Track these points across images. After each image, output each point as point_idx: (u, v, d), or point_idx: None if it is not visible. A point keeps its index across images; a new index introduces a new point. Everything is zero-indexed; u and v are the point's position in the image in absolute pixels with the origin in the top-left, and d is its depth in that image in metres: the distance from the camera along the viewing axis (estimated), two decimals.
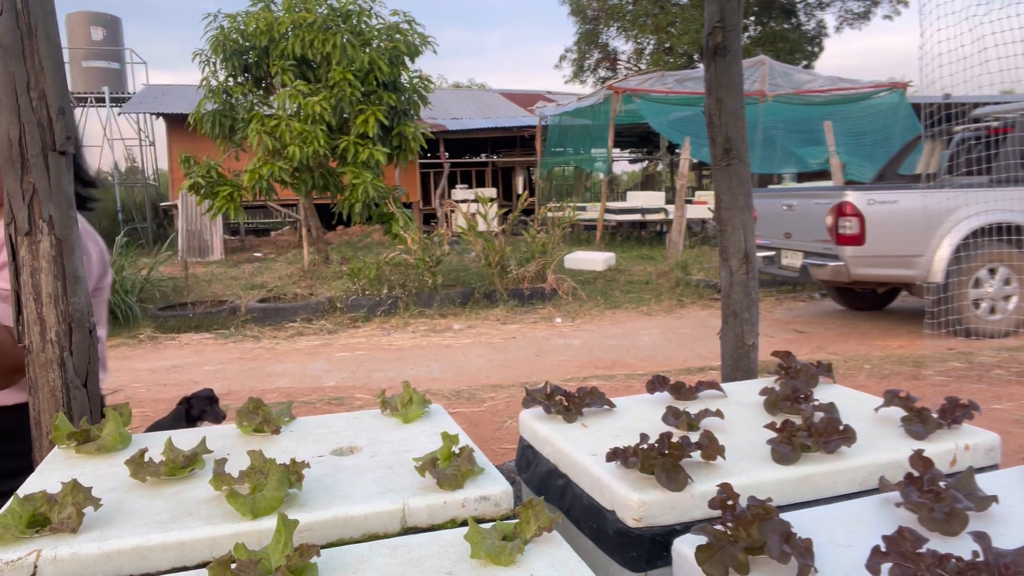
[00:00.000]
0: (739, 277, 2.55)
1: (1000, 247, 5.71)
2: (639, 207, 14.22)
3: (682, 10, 24.03)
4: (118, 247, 7.92)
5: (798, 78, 13.35)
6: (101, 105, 18.04)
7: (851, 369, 4.74)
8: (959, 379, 4.41)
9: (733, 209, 2.54)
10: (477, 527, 1.12)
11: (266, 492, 1.27)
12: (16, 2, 1.31)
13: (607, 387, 3.61)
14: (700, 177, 19.86)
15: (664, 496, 1.32)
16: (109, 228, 14.77)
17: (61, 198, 1.37)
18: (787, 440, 1.47)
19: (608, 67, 27.46)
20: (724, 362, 2.62)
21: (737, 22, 2.47)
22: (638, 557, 1.32)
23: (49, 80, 1.34)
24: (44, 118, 1.34)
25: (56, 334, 1.38)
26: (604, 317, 7.20)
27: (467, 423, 3.73)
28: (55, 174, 1.36)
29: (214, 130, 9.80)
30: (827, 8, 25.16)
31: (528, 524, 1.15)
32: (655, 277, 8.98)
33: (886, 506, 1.25)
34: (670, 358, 5.47)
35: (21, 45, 1.32)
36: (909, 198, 5.70)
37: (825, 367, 2.08)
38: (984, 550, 0.93)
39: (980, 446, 1.56)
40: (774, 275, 6.82)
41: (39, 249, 1.35)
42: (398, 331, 6.81)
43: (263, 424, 1.73)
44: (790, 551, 0.99)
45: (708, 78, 2.53)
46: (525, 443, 1.84)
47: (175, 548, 1.20)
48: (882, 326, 6.49)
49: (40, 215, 1.34)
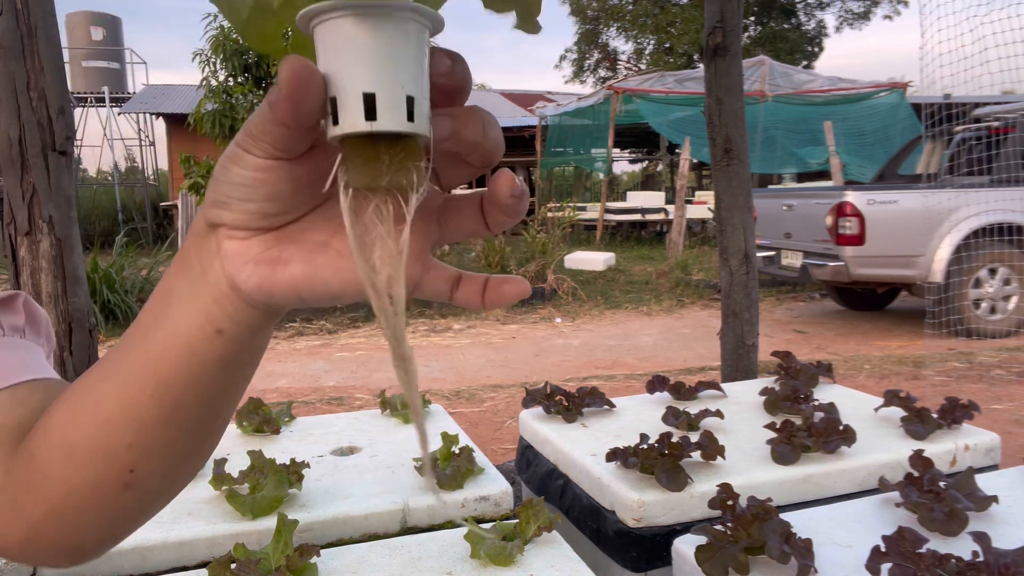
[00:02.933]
0: (739, 277, 2.55)
1: (1000, 247, 5.71)
2: (639, 207, 14.22)
3: (682, 10, 24.04)
4: (118, 247, 7.92)
5: (798, 78, 13.35)
6: (101, 105, 18.05)
7: (851, 369, 4.74)
8: (959, 379, 4.41)
9: (733, 209, 2.54)
10: (477, 527, 1.13)
11: (266, 492, 1.27)
12: (16, 2, 1.31)
13: (607, 387, 3.61)
14: (700, 177, 19.86)
15: (664, 496, 1.32)
16: (109, 228, 14.77)
17: (61, 198, 1.37)
18: (787, 440, 1.47)
19: (608, 67, 27.47)
20: (724, 362, 2.62)
21: (737, 22, 2.47)
22: (638, 557, 1.32)
23: (49, 80, 1.34)
24: (44, 118, 1.34)
25: (56, 334, 1.38)
26: (604, 317, 7.20)
27: (467, 423, 3.73)
28: (55, 174, 1.36)
29: (214, 130, 9.81)
30: (827, 8, 25.18)
31: (528, 524, 1.15)
32: (655, 277, 8.98)
33: (886, 506, 1.25)
34: (670, 358, 5.47)
35: (21, 45, 1.32)
36: (909, 198, 5.70)
37: (825, 367, 2.08)
38: (984, 550, 0.93)
39: (980, 446, 1.56)
40: (774, 275, 6.82)
41: (39, 249, 1.35)
42: None
43: (263, 424, 1.73)
44: (790, 551, 0.99)
45: (708, 78, 2.53)
46: (525, 443, 1.84)
47: (175, 548, 1.20)
48: (882, 326, 6.49)
49: (40, 215, 1.34)
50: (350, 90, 0.30)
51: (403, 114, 0.30)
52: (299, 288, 0.35)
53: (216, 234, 0.35)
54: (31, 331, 0.55)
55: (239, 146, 0.33)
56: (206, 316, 0.37)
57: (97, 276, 6.56)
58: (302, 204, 0.35)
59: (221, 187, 0.34)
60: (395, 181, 0.31)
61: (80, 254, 1.40)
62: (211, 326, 0.37)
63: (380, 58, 0.29)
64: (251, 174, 0.33)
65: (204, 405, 0.40)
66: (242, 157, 0.33)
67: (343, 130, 0.30)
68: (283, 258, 0.35)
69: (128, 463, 0.41)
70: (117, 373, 0.40)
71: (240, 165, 0.33)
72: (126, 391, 0.39)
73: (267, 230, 0.35)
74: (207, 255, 0.36)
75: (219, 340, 0.37)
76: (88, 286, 1.47)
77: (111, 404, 0.40)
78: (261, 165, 0.32)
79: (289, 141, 0.31)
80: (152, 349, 0.38)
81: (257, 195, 0.33)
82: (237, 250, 0.35)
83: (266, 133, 0.31)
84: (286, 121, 0.30)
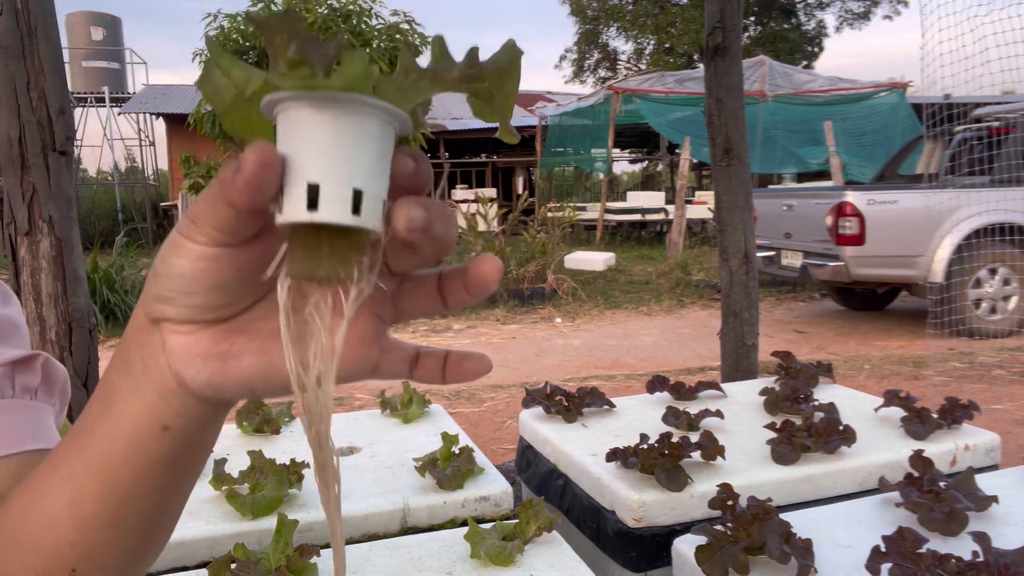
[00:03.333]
0: (739, 277, 2.55)
1: (1001, 247, 5.71)
2: (639, 207, 14.22)
3: (682, 10, 24.04)
4: (118, 247, 7.92)
5: (798, 78, 13.35)
6: (101, 105, 18.05)
7: (851, 369, 4.74)
8: (959, 379, 4.41)
9: (733, 209, 2.54)
10: (477, 527, 1.13)
11: (266, 492, 1.27)
12: (16, 2, 1.31)
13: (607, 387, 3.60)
14: (700, 177, 19.86)
15: (664, 496, 1.32)
16: (109, 228, 14.77)
17: (61, 198, 1.37)
18: (787, 440, 1.47)
19: (608, 67, 27.47)
20: (724, 362, 2.62)
21: (737, 22, 2.47)
22: (638, 557, 1.32)
23: (49, 80, 1.34)
24: (44, 118, 1.34)
25: (56, 334, 1.38)
26: (604, 317, 7.20)
27: (467, 423, 3.73)
28: (55, 174, 1.36)
29: (214, 130, 9.81)
30: (827, 8, 25.18)
31: (528, 524, 1.15)
32: (655, 277, 8.98)
33: (886, 506, 1.25)
34: (670, 358, 5.47)
35: (21, 45, 1.32)
36: (909, 198, 5.70)
37: (825, 367, 2.08)
38: (984, 550, 0.93)
39: (980, 446, 1.56)
40: (774, 275, 6.82)
41: (39, 249, 1.35)
42: (397, 331, 6.81)
43: (263, 424, 1.73)
44: (790, 551, 0.99)
45: (708, 78, 2.53)
46: (525, 443, 1.84)
47: (175, 548, 1.20)
48: (882, 326, 6.49)
49: (40, 215, 1.34)
50: (297, 179, 0.29)
51: (347, 207, 0.29)
52: (252, 382, 0.34)
53: (160, 329, 0.34)
54: (44, 391, 0.54)
55: (180, 234, 0.31)
56: (151, 412, 0.35)
57: (97, 276, 6.56)
58: (249, 294, 0.34)
59: (162, 281, 0.32)
60: (334, 273, 0.30)
61: (80, 254, 1.40)
62: (157, 423, 0.35)
63: (331, 149, 0.29)
64: (194, 264, 0.31)
65: (151, 503, 0.39)
66: (183, 246, 0.31)
67: (286, 218, 0.29)
68: (234, 352, 0.34)
69: (71, 562, 0.39)
70: (66, 466, 0.38)
71: (182, 256, 0.31)
72: (71, 488, 0.38)
73: (215, 322, 0.34)
74: (150, 351, 0.34)
75: (166, 437, 0.36)
76: (88, 286, 1.47)
77: (56, 500, 0.39)
78: (204, 254, 0.31)
79: (236, 224, 0.30)
80: (96, 447, 0.37)
81: (201, 287, 0.32)
82: (184, 345, 0.34)
83: (211, 216, 0.30)
84: (239, 203, 0.29)
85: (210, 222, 0.30)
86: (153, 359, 0.34)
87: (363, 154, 0.30)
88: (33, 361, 0.54)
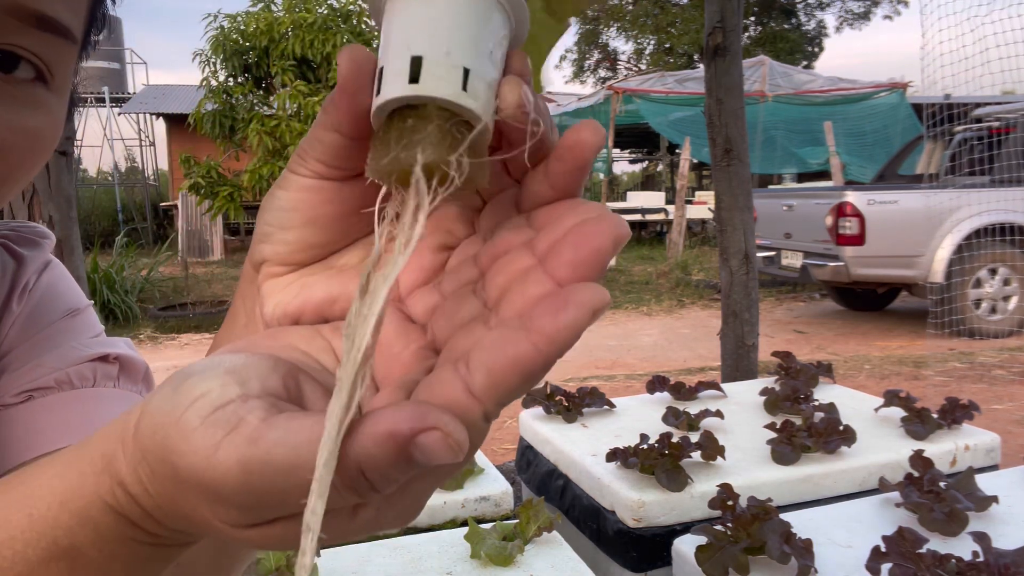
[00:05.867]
0: (739, 277, 2.55)
1: (1001, 247, 5.71)
2: (639, 207, 14.24)
3: (682, 10, 24.04)
4: (118, 247, 7.92)
5: (798, 78, 13.35)
6: (101, 105, 18.05)
7: (851, 369, 4.73)
8: (959, 379, 4.40)
9: (733, 209, 2.54)
10: (477, 527, 1.13)
11: None
12: None
13: (607, 387, 3.60)
14: (700, 177, 19.86)
15: (664, 496, 1.32)
16: (109, 228, 14.77)
17: (61, 198, 1.37)
18: (787, 440, 1.47)
19: (608, 67, 27.47)
20: (724, 362, 2.62)
21: (737, 22, 2.47)
22: (638, 557, 1.32)
23: None
24: None
25: None
26: (604, 317, 7.20)
27: None
28: (55, 174, 1.36)
29: (214, 130, 9.80)
30: (827, 8, 25.16)
31: (528, 524, 1.15)
32: (655, 277, 8.98)
33: (886, 506, 1.25)
34: (670, 358, 5.47)
35: None
36: (909, 198, 5.70)
37: (825, 367, 2.08)
38: (984, 550, 0.93)
39: (980, 446, 1.56)
40: (774, 275, 6.82)
41: None
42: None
43: None
44: (790, 551, 0.99)
45: (708, 78, 2.53)
46: (525, 443, 1.84)
47: None
48: (882, 326, 6.49)
49: (40, 215, 1.34)
50: (397, 55, 0.25)
51: (455, 83, 0.24)
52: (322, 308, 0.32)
53: (259, 276, 0.33)
54: (126, 380, 0.52)
55: (288, 169, 0.31)
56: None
57: (97, 276, 6.56)
58: (343, 235, 0.32)
59: (264, 216, 0.32)
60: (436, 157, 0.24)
61: (80, 254, 1.40)
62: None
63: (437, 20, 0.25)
64: (295, 195, 0.31)
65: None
66: (287, 178, 0.31)
67: (383, 97, 0.25)
68: (311, 283, 0.33)
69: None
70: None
71: (285, 188, 0.31)
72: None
73: (307, 264, 0.32)
74: (251, 302, 0.34)
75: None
76: (88, 286, 1.47)
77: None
78: (306, 184, 0.31)
79: (341, 152, 0.29)
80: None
81: (298, 220, 0.31)
82: (274, 289, 0.32)
83: (316, 145, 0.30)
84: (341, 119, 0.28)
85: (314, 152, 0.30)
86: (254, 312, 0.33)
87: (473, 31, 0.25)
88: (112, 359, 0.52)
